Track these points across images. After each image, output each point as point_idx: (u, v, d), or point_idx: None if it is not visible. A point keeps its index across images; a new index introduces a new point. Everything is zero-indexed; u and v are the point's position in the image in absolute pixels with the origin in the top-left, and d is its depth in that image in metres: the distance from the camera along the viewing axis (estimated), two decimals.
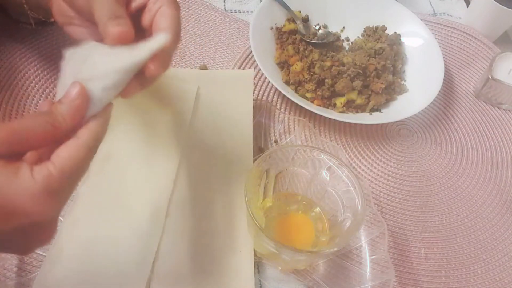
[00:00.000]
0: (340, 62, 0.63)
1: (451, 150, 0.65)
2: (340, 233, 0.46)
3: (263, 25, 0.67)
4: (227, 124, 0.55)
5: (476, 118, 0.69)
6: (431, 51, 0.68)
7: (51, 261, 0.42)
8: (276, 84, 0.59)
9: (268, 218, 0.48)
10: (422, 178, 0.61)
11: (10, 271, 0.43)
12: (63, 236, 0.44)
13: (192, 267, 0.44)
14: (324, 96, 0.62)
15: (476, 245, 0.55)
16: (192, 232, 0.47)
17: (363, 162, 0.61)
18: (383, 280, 0.46)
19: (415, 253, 0.54)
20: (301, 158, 0.50)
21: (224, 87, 0.58)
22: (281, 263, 0.47)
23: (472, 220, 0.58)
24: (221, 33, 0.71)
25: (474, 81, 0.73)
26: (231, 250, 0.46)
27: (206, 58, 0.67)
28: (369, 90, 0.63)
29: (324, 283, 0.47)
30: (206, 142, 0.53)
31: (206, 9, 0.74)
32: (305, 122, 0.59)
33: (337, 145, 0.61)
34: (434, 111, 0.68)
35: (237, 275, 0.45)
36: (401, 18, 0.72)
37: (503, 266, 0.54)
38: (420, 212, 0.57)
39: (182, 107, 0.54)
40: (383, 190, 0.59)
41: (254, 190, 0.48)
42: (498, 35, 0.78)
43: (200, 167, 0.51)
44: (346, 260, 0.49)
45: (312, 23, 0.72)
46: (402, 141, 0.64)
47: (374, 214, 0.51)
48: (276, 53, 0.67)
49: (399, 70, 0.68)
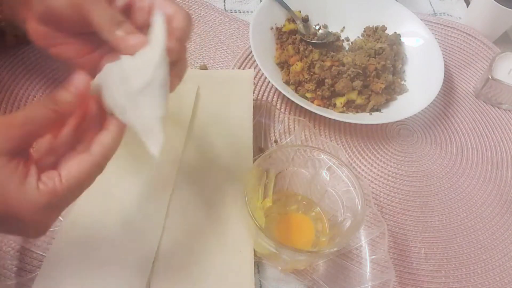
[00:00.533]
0: (340, 62, 0.63)
1: (451, 150, 0.65)
2: (340, 233, 0.46)
3: (263, 25, 0.67)
4: (227, 124, 0.55)
5: (476, 118, 0.69)
6: (431, 51, 0.68)
7: (51, 261, 0.42)
8: (276, 84, 0.59)
9: (268, 218, 0.48)
10: (422, 178, 0.61)
11: (10, 271, 0.43)
12: (63, 236, 0.44)
13: (192, 267, 0.44)
14: (324, 96, 0.62)
15: (476, 245, 0.55)
16: (192, 232, 0.47)
17: (363, 162, 0.61)
18: (383, 280, 0.46)
19: (415, 253, 0.54)
20: (301, 158, 0.50)
21: (224, 87, 0.58)
22: (281, 263, 0.47)
23: (472, 220, 0.58)
24: (221, 33, 0.71)
25: (474, 81, 0.73)
26: (231, 250, 0.46)
27: (206, 58, 0.67)
28: (369, 90, 0.63)
29: (324, 283, 0.47)
30: (206, 142, 0.53)
31: (206, 9, 0.74)
32: (305, 122, 0.59)
33: (337, 145, 0.61)
34: (434, 111, 0.68)
35: (237, 275, 0.45)
36: (401, 18, 0.72)
37: (503, 266, 0.54)
38: (420, 212, 0.57)
39: (182, 107, 0.54)
40: (383, 190, 0.59)
41: (254, 190, 0.48)
42: (498, 35, 0.78)
43: (200, 167, 0.51)
44: (346, 260, 0.49)
45: (312, 23, 0.72)
46: (402, 141, 0.64)
47: (374, 214, 0.51)
48: (276, 53, 0.67)
49: (399, 70, 0.68)
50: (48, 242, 0.45)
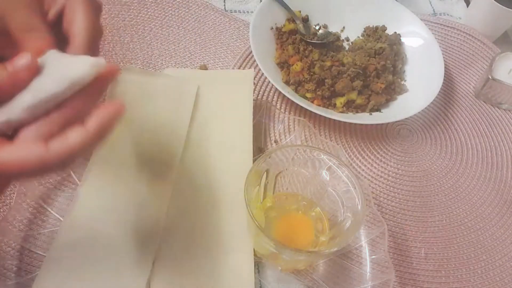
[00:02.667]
0: (340, 62, 0.63)
1: (451, 150, 0.65)
2: (340, 233, 0.46)
3: (263, 25, 0.67)
4: (227, 124, 0.55)
5: (476, 118, 0.69)
6: (431, 51, 0.68)
7: (51, 261, 0.42)
8: (276, 84, 0.59)
9: (268, 218, 0.48)
10: (422, 178, 0.61)
11: (10, 271, 0.43)
12: (63, 236, 0.44)
13: (192, 267, 0.44)
14: (324, 96, 0.62)
15: (476, 245, 0.55)
16: (192, 232, 0.47)
17: (363, 162, 0.61)
18: (383, 280, 0.46)
19: (415, 253, 0.54)
20: (301, 158, 0.50)
21: (224, 87, 0.58)
22: (281, 263, 0.47)
23: (472, 220, 0.58)
24: (221, 33, 0.71)
25: (474, 81, 0.73)
26: (231, 250, 0.46)
27: (206, 58, 0.67)
28: (369, 90, 0.63)
29: (324, 283, 0.47)
30: (206, 142, 0.53)
31: (206, 9, 0.74)
32: (305, 122, 0.59)
33: (337, 145, 0.61)
34: (434, 111, 0.68)
35: (237, 275, 0.45)
36: (401, 18, 0.72)
37: (503, 266, 0.54)
38: (420, 212, 0.57)
39: (182, 107, 0.54)
40: (383, 190, 0.59)
41: (254, 190, 0.48)
42: (498, 35, 0.78)
43: (200, 167, 0.51)
44: (346, 260, 0.49)
45: (312, 23, 0.72)
46: (402, 141, 0.64)
47: (374, 214, 0.51)
48: (276, 53, 0.67)
49: (399, 70, 0.68)
50: (48, 242, 0.45)
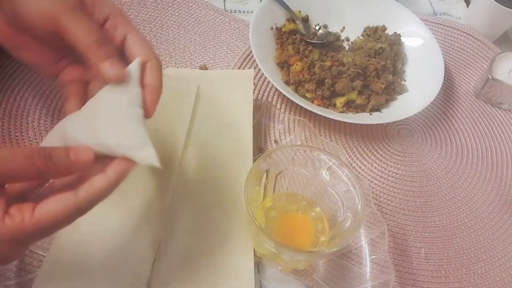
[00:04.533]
0: (340, 62, 0.63)
1: (451, 150, 0.65)
2: (340, 233, 0.46)
3: (263, 25, 0.67)
4: (227, 124, 0.55)
5: (476, 118, 0.69)
6: (431, 51, 0.68)
7: (51, 261, 0.42)
8: (276, 84, 0.59)
9: (268, 218, 0.48)
10: (422, 178, 0.61)
11: (10, 271, 0.43)
12: (63, 236, 0.44)
13: (192, 267, 0.44)
14: (324, 96, 0.62)
15: (476, 245, 0.55)
16: (192, 232, 0.47)
17: (363, 162, 0.61)
18: (383, 280, 0.46)
19: (415, 253, 0.54)
20: (301, 158, 0.50)
21: (224, 87, 0.58)
22: (281, 263, 0.47)
23: (472, 220, 0.58)
24: (221, 33, 0.71)
25: (474, 81, 0.73)
26: (231, 250, 0.46)
27: (206, 58, 0.67)
28: (369, 90, 0.63)
29: (324, 283, 0.47)
30: (206, 142, 0.53)
31: (206, 9, 0.74)
32: (305, 122, 0.59)
33: (337, 145, 0.61)
34: (434, 111, 0.68)
35: (237, 275, 0.45)
36: (401, 18, 0.72)
37: (503, 266, 0.54)
38: (420, 212, 0.57)
39: (182, 107, 0.54)
40: (383, 190, 0.59)
41: (254, 190, 0.48)
42: (498, 35, 0.78)
43: (200, 167, 0.51)
44: (346, 260, 0.49)
45: (312, 23, 0.72)
46: (402, 141, 0.64)
47: (374, 214, 0.51)
48: (276, 53, 0.67)
49: (399, 70, 0.68)
50: (48, 242, 0.45)
